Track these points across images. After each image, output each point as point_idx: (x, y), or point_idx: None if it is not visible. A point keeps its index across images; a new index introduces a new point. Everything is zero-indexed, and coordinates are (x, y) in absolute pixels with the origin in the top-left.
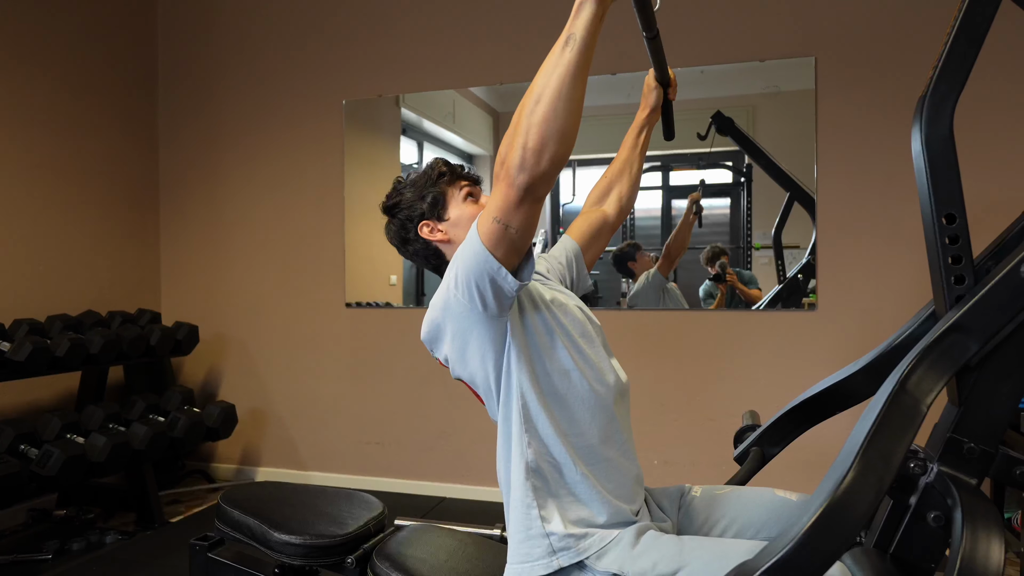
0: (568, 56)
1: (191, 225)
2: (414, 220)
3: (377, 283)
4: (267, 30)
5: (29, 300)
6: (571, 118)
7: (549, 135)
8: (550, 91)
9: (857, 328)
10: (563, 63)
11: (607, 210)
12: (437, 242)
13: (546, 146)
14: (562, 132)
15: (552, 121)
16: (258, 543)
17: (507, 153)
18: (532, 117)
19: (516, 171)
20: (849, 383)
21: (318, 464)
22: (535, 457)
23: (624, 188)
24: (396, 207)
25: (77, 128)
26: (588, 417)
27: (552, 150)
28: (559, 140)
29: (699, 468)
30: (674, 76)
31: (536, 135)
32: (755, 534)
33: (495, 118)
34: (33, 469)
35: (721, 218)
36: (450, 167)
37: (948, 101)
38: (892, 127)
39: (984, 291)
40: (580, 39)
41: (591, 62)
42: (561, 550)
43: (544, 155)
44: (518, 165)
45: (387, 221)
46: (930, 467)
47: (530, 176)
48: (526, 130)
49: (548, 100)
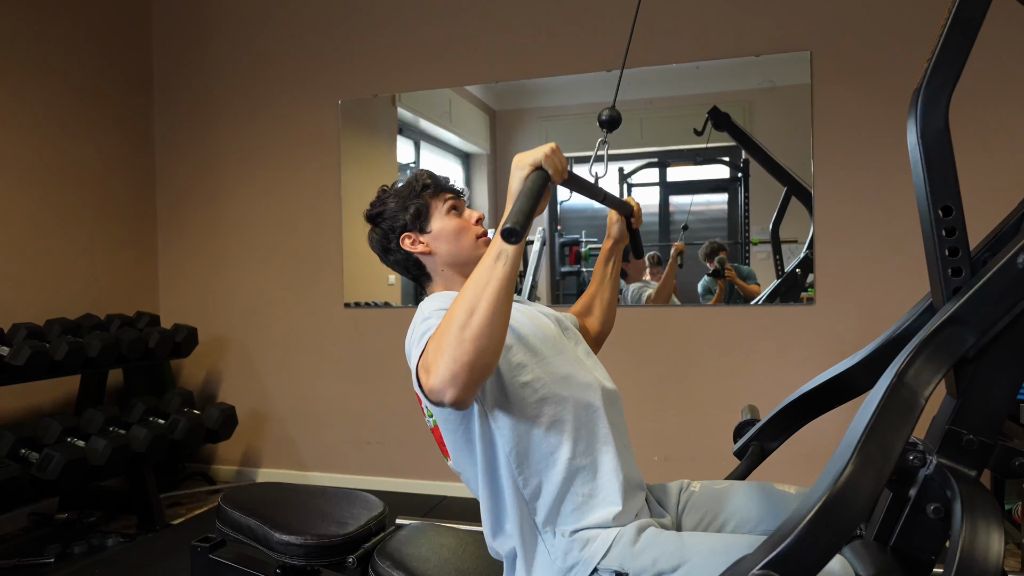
0: (501, 270)
1: (188, 227)
2: (396, 231)
3: (375, 283)
4: (262, 30)
5: (27, 304)
6: (502, 332)
7: (483, 350)
8: (485, 304)
9: (855, 322)
10: (497, 276)
11: (589, 327)
12: (418, 254)
13: (478, 361)
14: (495, 347)
15: (488, 336)
16: (259, 544)
17: (434, 359)
18: (466, 331)
19: (445, 384)
20: (847, 376)
21: (318, 464)
22: (532, 494)
23: (597, 315)
24: (379, 216)
25: (73, 131)
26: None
27: (483, 364)
28: (491, 355)
29: (698, 463)
30: (637, 205)
31: (471, 349)
32: (755, 528)
33: (491, 116)
34: (34, 473)
35: (719, 214)
36: (434, 179)
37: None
38: (888, 120)
39: (981, 283)
40: (511, 255)
41: (516, 280)
42: (571, 567)
43: (476, 370)
44: (448, 379)
45: (370, 229)
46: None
47: (458, 392)
48: (459, 343)
49: (484, 313)
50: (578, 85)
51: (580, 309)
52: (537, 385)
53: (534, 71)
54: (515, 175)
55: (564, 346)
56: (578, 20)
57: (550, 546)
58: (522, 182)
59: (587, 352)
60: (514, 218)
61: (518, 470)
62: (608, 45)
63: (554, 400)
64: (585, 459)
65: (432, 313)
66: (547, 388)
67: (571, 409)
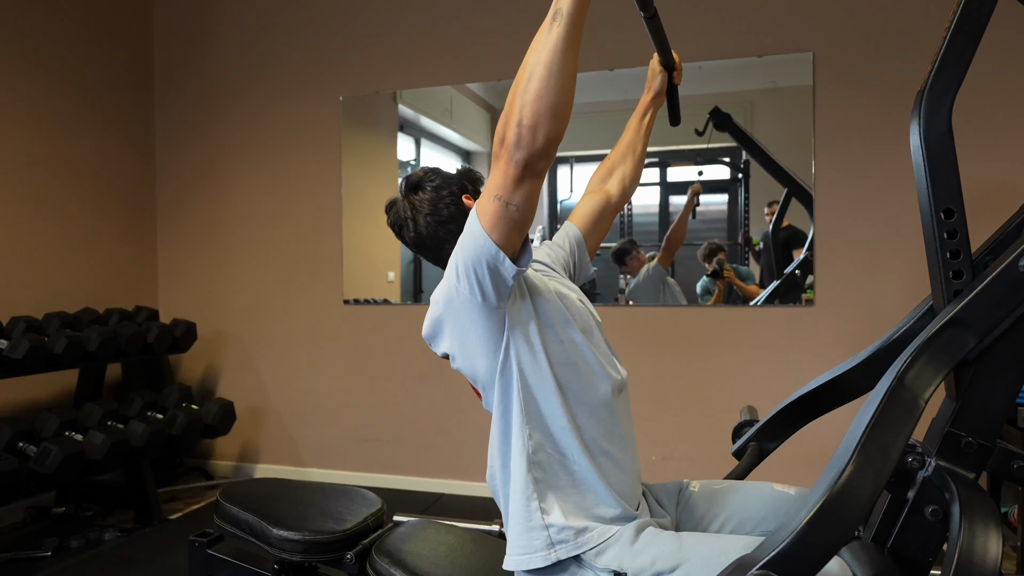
0: (556, 32)
1: (188, 222)
2: (455, 190)
3: (375, 280)
4: (263, 26)
5: (26, 297)
6: (563, 94)
7: (543, 111)
8: (541, 68)
9: (855, 323)
10: (552, 39)
11: (610, 190)
12: None
13: (540, 122)
14: (555, 108)
15: (544, 98)
16: (257, 539)
17: (503, 132)
18: (525, 95)
19: (513, 148)
20: (847, 378)
21: (317, 461)
22: (536, 448)
23: (628, 169)
24: (430, 178)
25: (74, 125)
26: (588, 410)
27: (547, 126)
28: (553, 116)
29: (697, 463)
30: (679, 59)
31: (530, 112)
32: (753, 528)
33: (492, 114)
34: (31, 467)
35: (719, 214)
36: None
37: (946, 96)
38: (890, 122)
39: (982, 286)
40: (567, 14)
41: (581, 36)
42: (560, 543)
43: (539, 131)
44: (515, 143)
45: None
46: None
47: (527, 153)
48: (520, 108)
49: (539, 77)
50: (579, 84)
51: (600, 176)
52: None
53: None
54: None
55: (593, 329)
56: None
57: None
58: None
59: (605, 339)
60: None
61: (525, 419)
62: (609, 44)
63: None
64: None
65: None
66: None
67: (588, 387)
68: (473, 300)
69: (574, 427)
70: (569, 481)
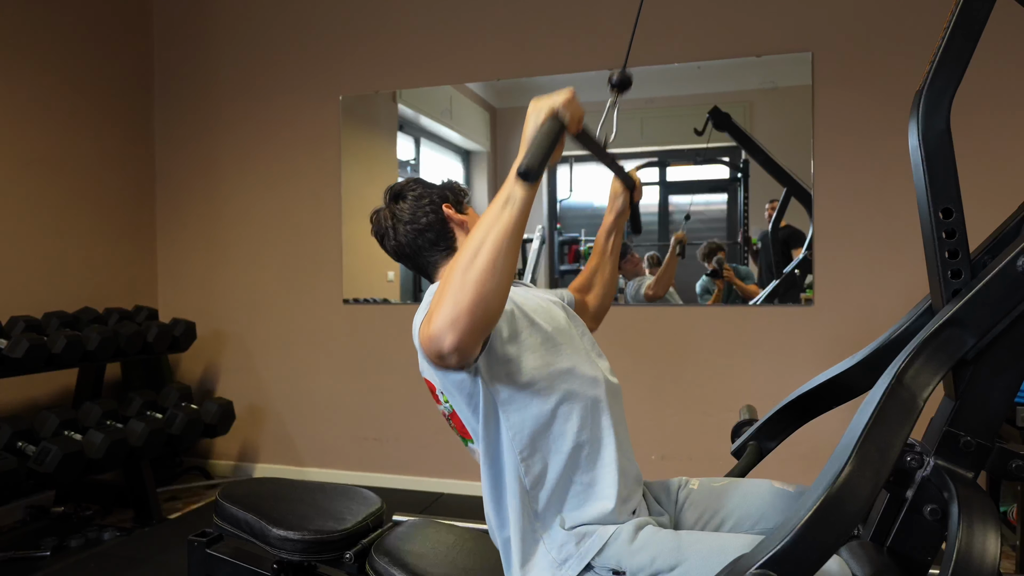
0: (508, 214)
1: (188, 221)
2: (436, 199)
3: (375, 279)
4: (263, 26)
5: (25, 297)
6: (507, 278)
7: (484, 295)
8: (489, 248)
9: (854, 323)
10: (504, 221)
11: (588, 303)
12: (455, 223)
13: (479, 305)
14: (496, 292)
15: (489, 280)
16: (256, 539)
17: (437, 305)
18: (468, 274)
19: (445, 329)
20: (846, 377)
21: (316, 460)
22: (534, 481)
23: (598, 291)
24: (412, 187)
25: (73, 124)
26: (580, 423)
27: (484, 310)
28: (493, 300)
29: (696, 462)
30: (638, 178)
31: (472, 293)
32: (752, 526)
33: (492, 114)
34: (31, 466)
35: (718, 214)
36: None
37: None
38: (889, 122)
39: (981, 285)
40: (519, 202)
41: (525, 226)
42: (564, 560)
43: (476, 315)
44: (448, 323)
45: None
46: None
47: (458, 337)
48: (460, 287)
49: (487, 257)
50: (579, 84)
51: (579, 285)
52: (545, 371)
53: (535, 69)
54: (531, 119)
55: (572, 337)
56: (579, 19)
57: (546, 536)
58: (537, 128)
59: (592, 343)
60: (530, 159)
61: (520, 456)
62: (609, 44)
63: (560, 389)
64: (586, 449)
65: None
66: (555, 376)
67: (576, 399)
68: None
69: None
70: (571, 500)
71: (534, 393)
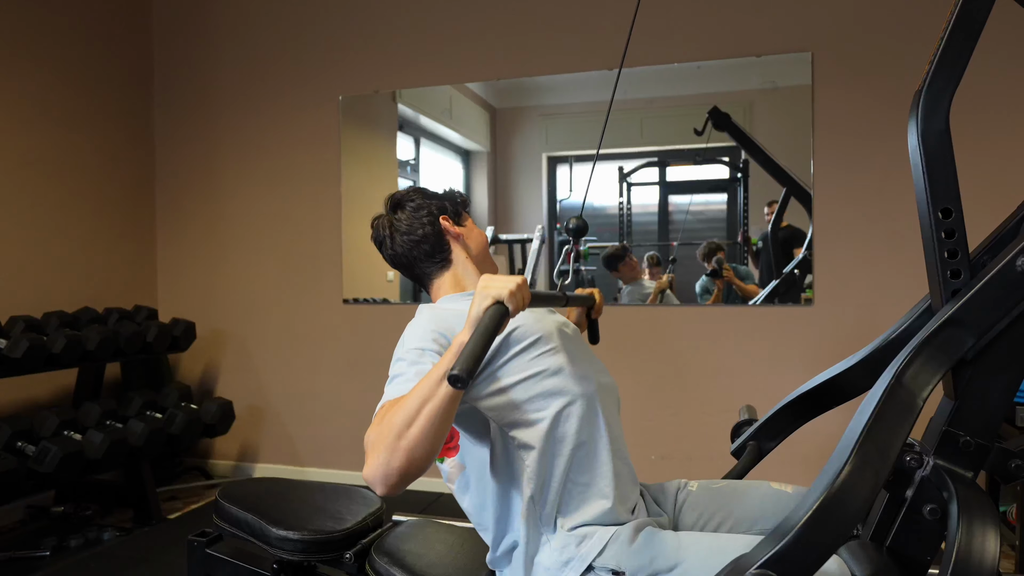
0: (443, 390)
1: (187, 221)
2: (434, 211)
3: (374, 279)
4: (263, 25)
5: (25, 297)
6: (436, 446)
7: (414, 460)
8: (423, 419)
9: (853, 323)
10: (439, 395)
11: None
12: (452, 235)
13: (409, 470)
14: (425, 458)
15: (419, 448)
16: (256, 539)
17: (370, 454)
18: (401, 440)
19: (377, 481)
20: (845, 377)
21: (316, 460)
22: (539, 487)
23: None
24: (412, 197)
25: (72, 123)
26: (578, 424)
27: (413, 473)
28: (421, 465)
29: (695, 463)
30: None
31: (403, 458)
32: (751, 527)
33: (492, 114)
34: (30, 466)
35: (718, 214)
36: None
37: (944, 95)
38: (888, 122)
39: (980, 285)
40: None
41: (457, 404)
42: (566, 562)
43: (406, 476)
44: (380, 479)
45: (385, 213)
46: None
47: (388, 491)
48: (392, 450)
49: (420, 427)
50: (579, 83)
51: None
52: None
53: (535, 69)
54: (477, 302)
55: (561, 338)
56: (579, 19)
57: (550, 540)
58: (482, 313)
59: (584, 345)
60: (464, 363)
61: (525, 464)
62: (609, 44)
63: (557, 391)
64: (584, 449)
65: (407, 353)
66: (551, 379)
67: (572, 399)
68: None
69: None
70: (570, 503)
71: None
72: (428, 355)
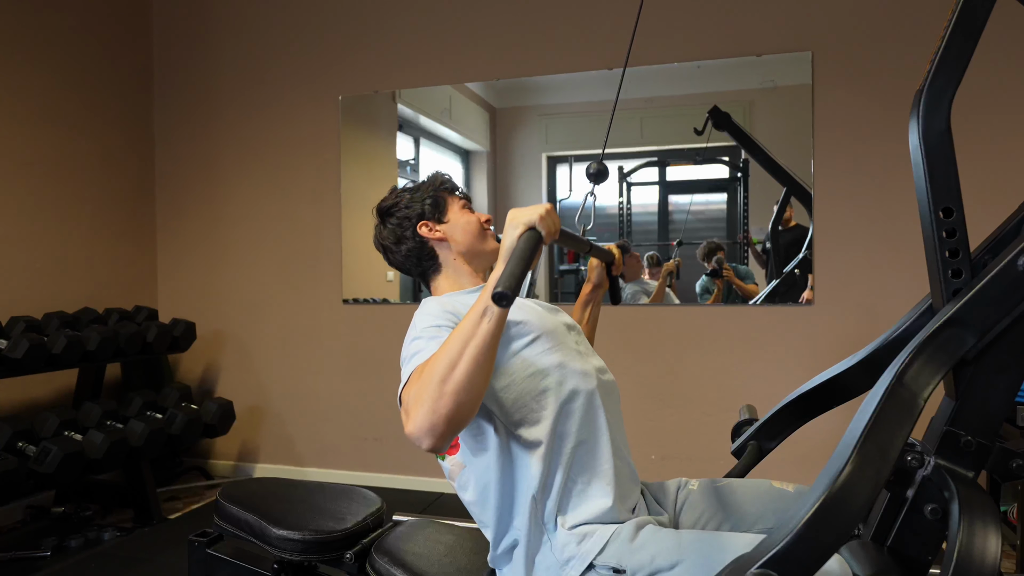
0: (485, 327)
1: (187, 221)
2: (412, 219)
3: (374, 279)
4: (263, 25)
5: (25, 297)
6: (482, 387)
7: (462, 404)
8: (467, 359)
9: (854, 322)
10: (481, 333)
11: None
12: (435, 240)
13: (456, 415)
14: (474, 402)
15: (466, 391)
16: (257, 539)
17: (414, 407)
18: (446, 385)
19: (423, 433)
20: (846, 377)
21: (316, 460)
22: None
23: None
24: (394, 207)
25: (72, 124)
26: (579, 422)
27: (461, 419)
28: (469, 409)
29: (696, 462)
30: (618, 253)
31: (451, 403)
32: (752, 526)
33: (492, 114)
34: (31, 466)
35: (718, 213)
36: (452, 181)
37: (945, 95)
38: (889, 122)
39: (981, 285)
40: (496, 315)
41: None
42: (567, 560)
43: (453, 424)
44: (427, 429)
45: (377, 225)
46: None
47: (436, 442)
48: (439, 397)
49: (465, 369)
50: (579, 83)
51: None
52: (542, 374)
53: (535, 69)
54: (509, 233)
55: (562, 336)
56: (579, 18)
57: (551, 538)
58: (515, 241)
59: (585, 343)
60: (506, 282)
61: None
62: (609, 43)
63: (559, 388)
64: (585, 446)
65: (423, 331)
66: (552, 376)
67: (573, 397)
68: None
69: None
70: (570, 501)
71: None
72: (444, 330)
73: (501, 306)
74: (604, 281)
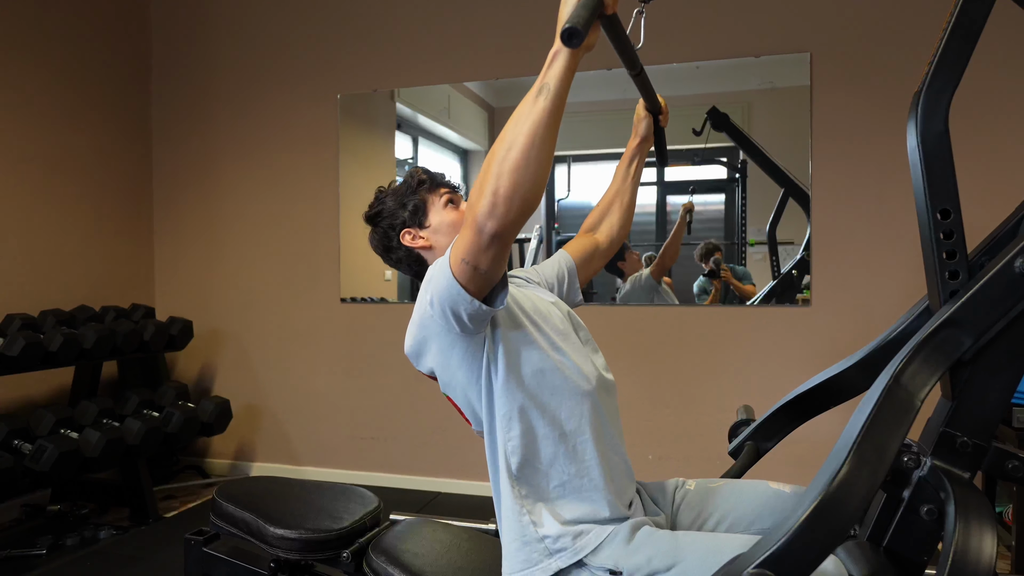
0: (542, 105)
1: (185, 219)
2: (396, 228)
3: (372, 278)
4: (261, 23)
5: (22, 295)
6: (543, 167)
7: (520, 183)
8: (523, 139)
9: (851, 323)
10: (536, 111)
11: (598, 239)
12: (419, 249)
13: (516, 193)
14: (534, 180)
15: (524, 169)
16: (254, 538)
17: (476, 198)
18: (503, 164)
19: (485, 217)
20: (843, 378)
21: (313, 459)
22: (520, 463)
23: (615, 219)
24: (379, 216)
25: (70, 121)
26: (569, 414)
27: (522, 198)
28: (530, 188)
29: (693, 463)
30: (665, 104)
31: (508, 182)
32: (749, 527)
33: (490, 113)
34: (27, 464)
35: (716, 214)
36: (429, 175)
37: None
38: (887, 123)
39: (978, 286)
40: (554, 88)
41: (563, 112)
42: (558, 551)
43: (514, 202)
44: (488, 211)
45: (371, 230)
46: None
47: (499, 223)
48: (497, 177)
49: (521, 148)
50: (578, 83)
51: (590, 224)
52: (539, 364)
53: (533, 69)
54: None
55: (568, 335)
56: None
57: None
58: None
59: (587, 338)
60: (575, 17)
61: (507, 439)
62: (608, 43)
63: (551, 380)
64: (573, 440)
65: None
66: (548, 370)
67: (566, 392)
68: (450, 330)
69: (559, 435)
70: (557, 490)
71: (525, 382)
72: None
73: (571, 45)
74: (650, 135)
